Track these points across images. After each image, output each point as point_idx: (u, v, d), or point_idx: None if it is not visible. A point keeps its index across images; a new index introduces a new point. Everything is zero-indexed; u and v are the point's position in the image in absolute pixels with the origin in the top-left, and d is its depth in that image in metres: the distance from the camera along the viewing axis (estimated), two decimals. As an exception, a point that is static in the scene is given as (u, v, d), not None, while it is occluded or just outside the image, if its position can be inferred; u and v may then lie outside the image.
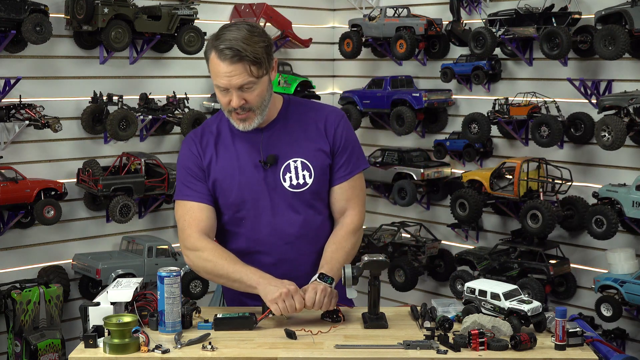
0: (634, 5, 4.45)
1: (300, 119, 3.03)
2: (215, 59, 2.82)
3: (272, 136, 3.00)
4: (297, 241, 2.98)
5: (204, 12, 5.48)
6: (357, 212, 3.06)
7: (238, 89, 2.83)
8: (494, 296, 2.69)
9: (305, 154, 2.98)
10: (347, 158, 3.04)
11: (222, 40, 2.80)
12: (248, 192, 2.96)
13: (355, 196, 3.07)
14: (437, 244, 5.78)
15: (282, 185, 2.96)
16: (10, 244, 4.93)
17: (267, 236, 2.98)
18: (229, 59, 2.78)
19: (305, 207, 2.99)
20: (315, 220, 3.02)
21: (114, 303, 2.66)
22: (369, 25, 5.84)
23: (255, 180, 2.96)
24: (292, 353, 2.52)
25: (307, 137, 3.00)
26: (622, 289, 4.60)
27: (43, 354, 4.65)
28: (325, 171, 3.01)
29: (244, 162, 2.97)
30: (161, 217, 5.60)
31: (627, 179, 4.82)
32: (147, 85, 5.38)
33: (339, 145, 3.02)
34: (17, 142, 4.88)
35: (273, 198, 2.96)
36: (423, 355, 2.50)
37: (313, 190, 2.98)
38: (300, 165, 2.97)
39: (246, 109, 2.87)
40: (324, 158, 3.00)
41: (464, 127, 5.38)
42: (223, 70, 2.80)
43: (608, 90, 4.86)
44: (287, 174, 2.97)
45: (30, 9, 4.58)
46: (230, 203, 2.99)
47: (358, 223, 3.06)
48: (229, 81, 2.81)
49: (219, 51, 2.80)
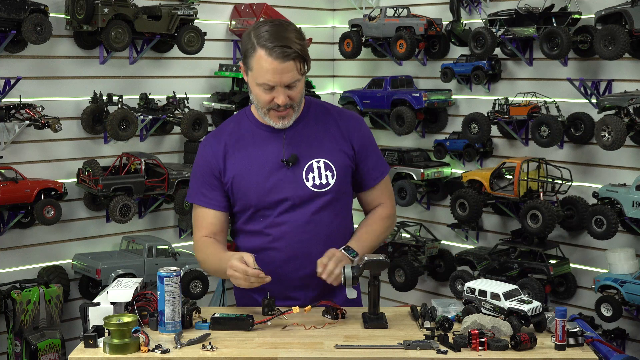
0: (634, 5, 4.45)
1: (322, 120, 3.06)
2: (265, 56, 2.81)
3: (294, 136, 3.01)
4: (310, 240, 3.00)
5: (204, 12, 5.48)
6: (389, 204, 3.20)
7: (285, 87, 2.86)
8: (494, 296, 2.70)
9: (328, 154, 3.01)
10: (375, 161, 3.15)
11: (270, 38, 2.81)
12: (268, 191, 2.98)
13: (388, 192, 3.21)
14: (437, 244, 5.79)
15: (304, 185, 2.98)
16: (10, 244, 4.93)
17: (282, 234, 3.00)
18: (282, 57, 2.80)
19: (323, 208, 3.01)
20: (332, 221, 3.04)
21: (114, 303, 2.67)
22: (369, 25, 5.84)
23: (277, 179, 2.98)
24: (292, 353, 2.52)
25: (329, 138, 3.03)
26: (622, 289, 4.60)
27: (43, 354, 4.65)
28: (347, 172, 3.06)
29: (266, 161, 2.99)
30: (161, 217, 5.60)
31: (627, 179, 4.82)
32: (147, 85, 5.38)
33: (366, 149, 3.10)
34: (17, 142, 4.88)
35: (294, 197, 2.98)
36: (423, 355, 2.50)
37: (335, 190, 3.02)
38: (323, 166, 3.00)
39: (288, 105, 2.90)
40: (345, 159, 3.04)
41: (464, 127, 5.38)
42: (275, 67, 2.82)
43: (608, 90, 4.86)
44: (310, 174, 2.99)
45: (30, 9, 4.58)
46: (249, 201, 3.01)
47: (390, 212, 3.19)
48: (280, 79, 2.83)
49: (270, 49, 2.80)
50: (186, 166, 5.42)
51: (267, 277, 2.77)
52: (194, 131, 5.23)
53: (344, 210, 3.11)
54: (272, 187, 2.98)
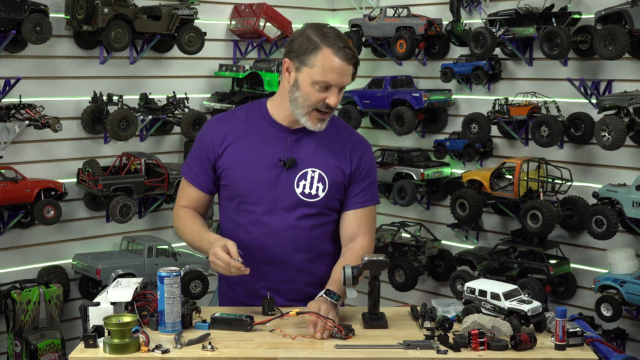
0: (634, 5, 4.45)
1: (329, 132, 3.06)
2: (332, 55, 2.86)
3: (299, 141, 3.02)
4: (290, 246, 3.00)
5: (204, 12, 5.48)
6: (368, 240, 3.07)
7: (340, 89, 2.91)
8: (494, 296, 2.69)
9: (324, 166, 3.01)
10: (366, 186, 3.08)
11: (338, 39, 2.88)
12: (258, 186, 2.99)
13: (368, 225, 3.09)
14: (437, 244, 5.79)
15: (293, 190, 2.98)
16: (10, 244, 4.93)
17: (263, 234, 3.00)
18: (348, 59, 2.87)
19: (308, 217, 3.00)
20: (314, 231, 3.03)
21: (114, 303, 2.66)
22: (369, 25, 5.84)
23: (269, 177, 2.98)
24: (292, 353, 2.52)
25: (330, 152, 3.03)
26: (622, 289, 4.60)
27: (43, 354, 4.65)
28: (338, 189, 3.04)
29: (264, 157, 3.00)
30: (161, 217, 5.60)
31: (627, 179, 4.82)
32: (147, 85, 5.38)
33: (361, 173, 3.07)
34: (17, 142, 4.88)
35: (280, 199, 2.98)
36: (423, 355, 2.50)
37: (322, 204, 3.01)
38: (317, 177, 3.00)
39: (332, 108, 2.95)
40: (340, 176, 3.03)
41: (464, 127, 5.38)
42: (341, 68, 2.87)
43: (608, 90, 4.86)
44: (302, 181, 2.99)
45: (30, 9, 4.58)
46: (237, 190, 3.02)
47: (368, 250, 3.05)
48: (341, 80, 2.89)
49: (340, 49, 2.86)
50: (186, 166, 5.42)
51: (247, 270, 2.78)
52: (194, 131, 5.23)
53: (329, 227, 3.08)
54: (262, 183, 2.98)
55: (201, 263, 5.32)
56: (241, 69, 5.57)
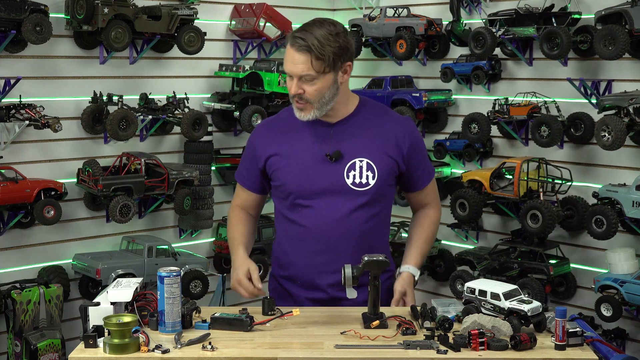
0: (634, 5, 4.45)
1: (373, 121, 3.12)
2: (288, 45, 2.98)
3: (341, 132, 3.08)
4: (344, 236, 3.06)
5: (204, 12, 5.48)
6: (437, 205, 3.36)
7: (298, 78, 2.97)
8: (494, 296, 2.69)
9: (371, 155, 3.07)
10: (424, 166, 3.22)
11: (300, 30, 2.97)
12: (308, 182, 3.06)
13: (435, 194, 3.34)
14: (437, 244, 5.78)
15: (344, 182, 3.04)
16: (10, 244, 4.93)
17: (318, 226, 3.06)
18: (297, 47, 2.94)
19: (361, 207, 3.06)
20: (368, 222, 3.08)
21: (114, 303, 2.66)
22: (369, 25, 5.84)
23: (319, 171, 3.05)
24: (292, 353, 2.52)
25: (376, 140, 3.09)
26: (622, 289, 4.60)
27: (43, 354, 4.65)
28: (390, 176, 3.10)
29: (310, 153, 3.07)
30: (161, 217, 5.60)
31: (627, 179, 4.82)
32: (147, 85, 5.38)
33: (415, 155, 3.15)
34: (17, 142, 4.87)
35: (332, 192, 3.04)
36: (423, 355, 2.50)
37: (373, 192, 3.06)
38: (365, 166, 3.06)
39: (304, 99, 3.00)
40: (390, 162, 3.09)
41: (464, 127, 5.38)
42: (290, 56, 2.97)
43: (608, 90, 4.86)
44: (352, 172, 3.05)
45: (30, 9, 4.58)
46: (289, 188, 3.09)
47: (439, 214, 3.37)
48: (292, 68, 2.96)
49: (292, 38, 2.96)
50: (186, 166, 5.42)
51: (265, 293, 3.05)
52: (194, 131, 5.23)
53: (382, 214, 3.15)
54: (313, 178, 3.05)
55: (201, 263, 5.32)
56: (241, 69, 5.57)
